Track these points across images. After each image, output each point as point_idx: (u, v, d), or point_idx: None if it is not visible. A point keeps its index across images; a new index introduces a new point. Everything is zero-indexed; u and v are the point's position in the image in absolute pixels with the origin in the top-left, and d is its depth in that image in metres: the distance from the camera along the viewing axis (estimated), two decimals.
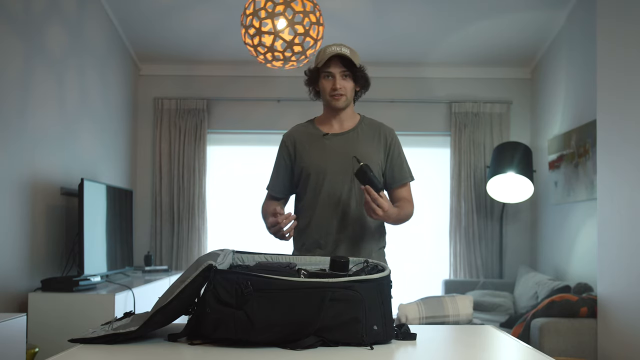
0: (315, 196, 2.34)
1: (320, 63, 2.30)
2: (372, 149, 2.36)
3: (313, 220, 2.34)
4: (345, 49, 2.30)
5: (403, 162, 2.42)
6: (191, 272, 1.42)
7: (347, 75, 2.32)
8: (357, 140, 2.36)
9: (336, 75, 2.31)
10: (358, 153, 2.29)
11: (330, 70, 2.31)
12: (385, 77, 5.64)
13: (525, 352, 1.43)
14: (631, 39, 3.48)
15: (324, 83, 2.34)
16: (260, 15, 3.41)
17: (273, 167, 2.49)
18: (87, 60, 4.44)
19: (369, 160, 2.27)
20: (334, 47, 2.29)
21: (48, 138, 3.82)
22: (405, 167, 2.42)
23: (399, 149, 2.42)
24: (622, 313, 3.49)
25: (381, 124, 2.44)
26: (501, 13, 4.87)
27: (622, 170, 3.54)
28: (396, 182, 2.40)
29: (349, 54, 2.29)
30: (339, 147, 2.35)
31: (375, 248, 2.38)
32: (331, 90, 2.32)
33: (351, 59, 2.28)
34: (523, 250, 5.66)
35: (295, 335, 1.37)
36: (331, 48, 2.30)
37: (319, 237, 2.33)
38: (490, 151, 5.60)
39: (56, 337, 3.26)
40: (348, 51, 2.30)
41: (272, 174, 2.49)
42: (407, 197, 2.41)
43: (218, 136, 5.74)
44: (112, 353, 1.34)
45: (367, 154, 2.33)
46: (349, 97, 2.34)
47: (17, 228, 3.43)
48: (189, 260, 5.46)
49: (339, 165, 2.32)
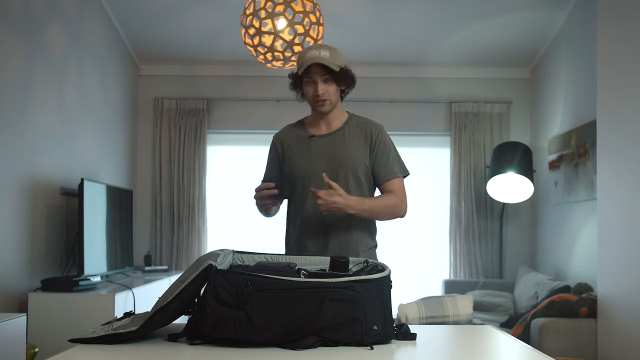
0: (302, 199, 2.34)
1: (301, 70, 2.27)
2: (357, 148, 2.34)
3: (301, 222, 2.35)
4: (324, 51, 2.24)
5: (389, 157, 2.36)
6: (191, 272, 1.42)
7: (328, 79, 2.27)
8: (343, 141, 2.35)
9: (318, 81, 2.27)
10: (342, 155, 2.30)
11: (311, 76, 2.27)
12: (385, 77, 5.64)
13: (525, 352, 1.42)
14: (631, 39, 3.48)
15: (307, 88, 2.31)
16: (260, 15, 3.42)
17: (265, 169, 2.52)
18: (87, 60, 4.44)
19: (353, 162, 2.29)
20: (313, 52, 2.24)
21: (48, 138, 3.82)
22: (393, 163, 2.37)
23: (385, 144, 2.36)
24: (622, 313, 3.49)
25: (369, 121, 2.41)
26: (501, 13, 4.87)
27: (622, 170, 3.54)
28: (383, 177, 2.36)
29: (328, 57, 2.23)
30: (323, 149, 2.34)
31: (364, 248, 2.35)
32: (314, 97, 2.29)
33: (329, 65, 2.22)
34: (523, 250, 5.66)
35: (295, 335, 1.37)
36: (310, 53, 2.25)
37: (307, 239, 2.33)
38: (490, 151, 5.60)
39: (56, 337, 3.26)
40: (327, 54, 2.24)
41: (264, 175, 2.52)
42: (394, 190, 2.35)
43: (218, 136, 5.74)
44: (112, 353, 1.34)
45: (350, 155, 2.32)
46: (333, 100, 2.31)
47: (17, 228, 3.43)
48: (189, 260, 5.46)
49: (322, 167, 2.31)
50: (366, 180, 2.36)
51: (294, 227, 2.39)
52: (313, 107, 2.36)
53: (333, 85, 2.29)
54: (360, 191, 2.33)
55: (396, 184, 2.36)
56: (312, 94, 2.29)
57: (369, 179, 2.37)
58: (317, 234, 2.32)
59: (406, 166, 2.43)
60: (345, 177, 2.31)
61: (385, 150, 2.36)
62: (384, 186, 2.37)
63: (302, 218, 2.35)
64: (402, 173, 2.39)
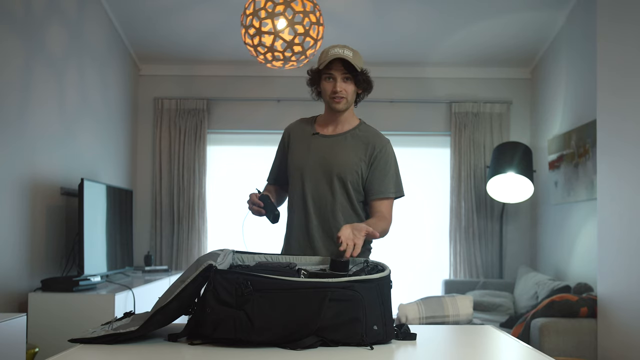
0: (296, 195, 2.35)
1: (322, 65, 2.28)
2: (354, 156, 2.31)
3: (294, 220, 2.35)
4: (348, 51, 2.27)
5: (387, 175, 2.31)
6: (191, 272, 1.42)
7: (348, 78, 2.29)
8: (342, 145, 2.34)
9: (337, 78, 2.28)
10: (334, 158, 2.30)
11: (332, 72, 2.28)
12: (386, 77, 5.64)
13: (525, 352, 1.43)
14: (631, 39, 3.48)
15: (325, 85, 2.32)
16: (260, 15, 3.41)
17: (273, 160, 2.53)
18: (87, 60, 4.44)
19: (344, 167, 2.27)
20: (337, 49, 2.26)
21: (48, 138, 3.82)
22: (389, 181, 2.32)
23: (385, 160, 2.31)
24: (622, 313, 3.49)
25: (377, 134, 2.38)
26: (501, 13, 4.87)
27: (622, 170, 3.54)
28: (374, 194, 2.30)
29: (351, 56, 2.26)
30: (321, 149, 2.34)
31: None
32: (332, 93, 2.29)
33: (352, 63, 2.25)
34: (523, 250, 5.66)
35: (295, 335, 1.37)
36: (334, 50, 2.27)
37: (301, 238, 2.33)
38: (490, 151, 5.60)
39: (56, 337, 3.26)
40: (351, 54, 2.27)
41: (272, 165, 2.53)
42: (383, 213, 2.28)
43: (218, 136, 5.74)
44: (112, 353, 1.34)
45: (344, 160, 2.30)
46: (349, 100, 2.32)
47: (17, 228, 3.43)
48: (189, 260, 5.46)
49: (316, 166, 2.31)
50: (354, 189, 2.30)
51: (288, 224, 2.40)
52: (328, 104, 2.34)
53: (352, 85, 2.30)
54: (345, 197, 2.30)
55: (386, 205, 2.30)
56: (331, 90, 2.30)
57: (358, 188, 2.32)
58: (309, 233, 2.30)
59: (403, 188, 2.37)
60: (331, 181, 2.29)
61: (385, 167, 2.32)
62: (373, 204, 2.31)
63: (295, 215, 2.35)
64: (396, 194, 2.33)
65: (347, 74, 2.28)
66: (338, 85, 2.28)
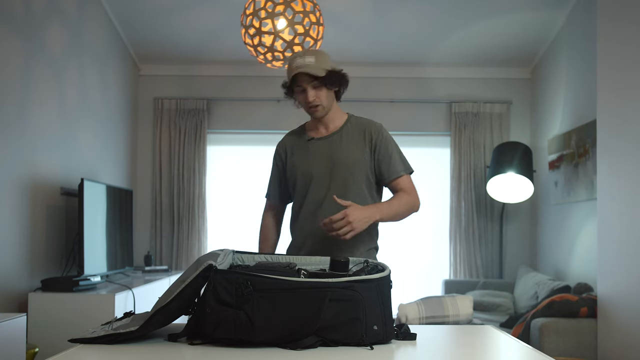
0: (303, 201, 2.36)
1: (289, 81, 2.29)
2: (356, 150, 2.33)
3: (300, 224, 2.37)
4: (309, 57, 2.24)
5: (392, 156, 2.35)
6: (191, 272, 1.42)
7: (317, 85, 2.27)
8: (340, 142, 2.35)
9: (307, 88, 2.27)
10: (339, 156, 2.31)
11: (300, 84, 2.27)
12: (385, 77, 5.64)
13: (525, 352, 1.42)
14: (631, 39, 3.48)
15: (299, 97, 2.32)
16: (260, 15, 3.42)
17: (269, 176, 2.53)
18: (87, 60, 4.44)
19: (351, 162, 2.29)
20: (298, 60, 2.24)
21: (48, 138, 3.82)
22: (397, 161, 2.36)
23: (386, 143, 2.35)
24: (622, 313, 3.49)
25: (368, 122, 2.40)
26: (501, 13, 4.87)
27: (622, 170, 3.54)
28: (387, 177, 2.35)
29: (313, 63, 2.23)
30: (322, 151, 2.35)
31: (363, 249, 2.33)
32: (306, 104, 2.31)
33: (313, 73, 2.22)
34: (523, 250, 5.66)
35: (295, 335, 1.37)
36: (295, 62, 2.25)
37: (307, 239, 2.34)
38: (490, 151, 5.60)
39: (56, 337, 3.26)
40: (313, 59, 2.23)
41: (269, 182, 2.54)
42: (405, 188, 2.35)
43: (218, 136, 5.74)
44: (112, 353, 1.34)
45: (348, 156, 2.32)
46: (325, 105, 2.31)
47: (17, 228, 3.43)
48: (189, 260, 5.46)
49: (322, 168, 2.33)
50: (366, 180, 2.34)
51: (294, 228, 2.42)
52: (308, 114, 2.37)
53: (323, 89, 2.29)
54: (360, 191, 2.32)
55: (404, 182, 2.36)
56: (304, 101, 2.30)
57: (369, 179, 2.35)
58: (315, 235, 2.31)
59: (409, 163, 2.41)
60: (344, 178, 2.31)
61: (388, 150, 2.36)
62: (392, 185, 2.37)
63: (300, 218, 2.36)
64: (406, 171, 2.38)
65: (314, 81, 2.26)
66: (309, 96, 2.28)
